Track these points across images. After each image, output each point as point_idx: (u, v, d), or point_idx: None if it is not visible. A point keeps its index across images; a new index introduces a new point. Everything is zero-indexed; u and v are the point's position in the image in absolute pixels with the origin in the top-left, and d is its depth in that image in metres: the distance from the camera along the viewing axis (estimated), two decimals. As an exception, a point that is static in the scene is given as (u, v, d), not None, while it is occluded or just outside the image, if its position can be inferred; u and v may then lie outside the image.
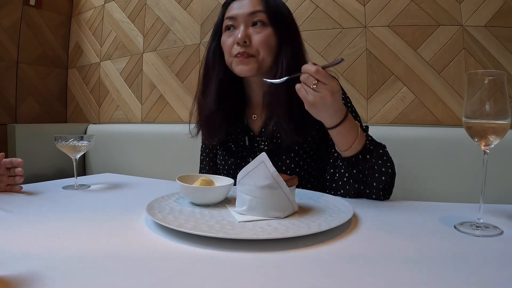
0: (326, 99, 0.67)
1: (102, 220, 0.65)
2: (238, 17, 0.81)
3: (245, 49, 0.80)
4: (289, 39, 0.83)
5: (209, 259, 0.47)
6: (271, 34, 0.81)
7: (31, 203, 0.78)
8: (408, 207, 0.76)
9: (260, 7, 0.80)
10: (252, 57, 0.81)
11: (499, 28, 1.22)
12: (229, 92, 0.89)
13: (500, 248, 0.51)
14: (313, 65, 0.67)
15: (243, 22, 0.81)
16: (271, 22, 0.81)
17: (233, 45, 0.82)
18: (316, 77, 0.66)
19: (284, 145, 0.87)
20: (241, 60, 0.81)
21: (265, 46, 0.80)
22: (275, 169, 0.61)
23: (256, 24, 0.81)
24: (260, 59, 0.81)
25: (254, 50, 0.81)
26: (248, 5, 0.81)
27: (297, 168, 0.89)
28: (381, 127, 1.26)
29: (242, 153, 0.93)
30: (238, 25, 0.81)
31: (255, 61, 0.81)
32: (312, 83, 0.66)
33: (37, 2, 2.08)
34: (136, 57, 2.00)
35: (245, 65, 0.81)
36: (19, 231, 0.59)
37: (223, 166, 0.98)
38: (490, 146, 0.58)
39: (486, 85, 0.56)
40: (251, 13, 0.80)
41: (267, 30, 0.81)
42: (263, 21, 0.81)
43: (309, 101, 0.68)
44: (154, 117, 1.95)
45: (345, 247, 0.52)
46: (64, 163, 1.73)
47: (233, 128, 0.93)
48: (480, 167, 0.59)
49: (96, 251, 0.50)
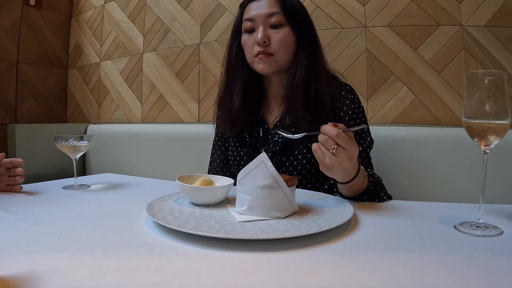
0: (344, 164, 0.65)
1: (102, 220, 0.65)
2: (256, 18, 0.85)
3: (265, 48, 0.84)
4: (306, 37, 0.86)
5: (209, 259, 0.47)
6: (289, 33, 0.85)
7: (31, 203, 0.78)
8: (408, 207, 0.76)
9: (277, 8, 0.84)
10: (271, 56, 0.85)
11: (499, 28, 1.22)
12: (253, 87, 0.94)
13: (500, 248, 0.51)
14: (333, 128, 0.64)
15: (262, 23, 0.85)
16: (288, 22, 0.85)
17: (253, 45, 0.86)
18: (336, 141, 0.63)
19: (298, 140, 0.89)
20: (262, 59, 0.85)
21: (283, 45, 0.85)
22: (275, 169, 0.61)
23: (275, 25, 0.85)
24: (279, 58, 0.86)
25: (273, 49, 0.85)
26: (265, 6, 0.85)
27: (308, 164, 0.90)
28: (381, 127, 1.26)
29: (256, 144, 0.96)
30: (257, 26, 0.85)
31: (274, 59, 0.86)
32: (331, 147, 0.64)
33: (37, 2, 2.08)
34: (136, 57, 2.00)
35: (266, 64, 0.86)
36: (19, 231, 0.59)
37: (234, 157, 0.99)
38: (490, 146, 0.58)
39: (486, 85, 0.56)
40: (269, 14, 0.84)
41: (285, 30, 0.85)
42: (281, 22, 0.84)
43: (325, 164, 0.66)
44: (154, 117, 1.95)
45: (345, 247, 0.52)
46: (64, 163, 1.73)
47: (249, 120, 0.97)
48: (480, 167, 0.59)
49: (96, 251, 0.50)
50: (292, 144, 0.90)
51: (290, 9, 0.85)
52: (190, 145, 1.55)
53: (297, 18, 0.86)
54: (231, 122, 0.96)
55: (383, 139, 1.21)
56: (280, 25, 0.85)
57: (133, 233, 0.58)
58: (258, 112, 0.99)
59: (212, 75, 1.75)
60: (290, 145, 0.91)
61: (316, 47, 0.89)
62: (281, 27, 0.85)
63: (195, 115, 1.81)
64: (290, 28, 0.85)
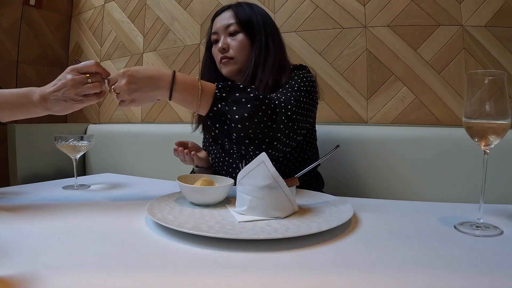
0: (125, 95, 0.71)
1: (102, 220, 0.65)
2: (218, 30, 0.99)
3: (225, 54, 0.97)
4: (258, 40, 0.96)
5: (209, 259, 0.47)
6: (243, 38, 0.96)
7: (31, 203, 0.78)
8: (408, 207, 0.76)
9: (233, 19, 0.97)
10: (232, 59, 0.97)
11: (499, 28, 1.22)
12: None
13: (500, 248, 0.51)
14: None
15: (223, 34, 0.98)
16: (242, 29, 0.96)
17: (218, 53, 0.98)
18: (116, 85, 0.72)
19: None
20: (224, 63, 0.97)
21: (239, 49, 0.96)
22: (275, 169, 0.61)
23: (232, 33, 0.97)
24: (238, 60, 0.97)
25: (232, 53, 0.96)
26: (224, 19, 0.98)
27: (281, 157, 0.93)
28: (381, 127, 1.26)
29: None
30: (220, 36, 0.99)
31: (234, 62, 0.97)
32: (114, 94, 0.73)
33: (37, 2, 2.08)
34: (136, 57, 2.00)
35: (228, 67, 0.98)
36: (19, 231, 0.58)
37: (215, 155, 1.05)
38: (490, 146, 0.58)
39: (486, 85, 0.56)
40: (227, 26, 0.97)
41: (240, 36, 0.96)
42: (236, 30, 0.96)
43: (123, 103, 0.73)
44: (154, 117, 1.95)
45: (345, 247, 0.52)
46: (64, 163, 1.73)
47: None
48: (480, 167, 0.59)
49: (96, 251, 0.50)
50: None
51: (244, 19, 0.96)
52: (190, 145, 1.55)
53: (251, 26, 0.96)
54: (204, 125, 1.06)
55: (383, 139, 1.21)
56: (236, 33, 0.97)
57: (133, 233, 0.58)
58: None
59: (212, 75, 1.75)
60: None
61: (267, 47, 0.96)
62: (237, 34, 0.97)
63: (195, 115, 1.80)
64: (244, 34, 0.96)
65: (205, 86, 0.74)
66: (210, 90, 0.73)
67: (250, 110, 0.71)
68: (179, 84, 0.72)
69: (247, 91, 0.74)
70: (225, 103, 0.72)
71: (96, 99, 0.77)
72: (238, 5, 0.99)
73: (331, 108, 1.45)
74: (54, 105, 0.75)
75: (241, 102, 0.72)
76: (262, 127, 0.72)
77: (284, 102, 0.78)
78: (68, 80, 0.73)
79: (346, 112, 1.43)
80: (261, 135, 0.73)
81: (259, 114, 0.72)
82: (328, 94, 1.44)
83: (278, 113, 0.75)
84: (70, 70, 0.74)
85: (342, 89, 1.43)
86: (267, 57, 0.94)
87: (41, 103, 0.75)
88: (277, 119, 0.74)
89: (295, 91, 0.84)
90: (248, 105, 0.71)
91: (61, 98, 0.74)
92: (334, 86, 1.45)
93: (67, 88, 0.73)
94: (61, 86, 0.73)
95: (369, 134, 1.24)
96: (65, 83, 0.73)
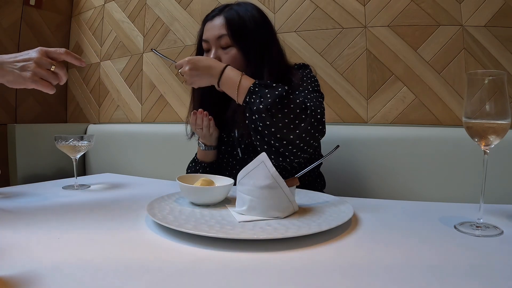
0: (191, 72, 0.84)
1: (102, 220, 0.65)
2: (209, 40, 0.94)
3: None
4: (253, 53, 0.92)
5: (209, 259, 0.47)
6: (236, 53, 0.92)
7: (31, 203, 0.78)
8: (408, 207, 0.76)
9: (225, 30, 0.91)
10: None
11: (499, 28, 1.22)
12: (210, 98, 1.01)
13: (500, 248, 0.51)
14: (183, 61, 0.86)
15: (214, 45, 0.93)
16: (235, 43, 0.91)
17: None
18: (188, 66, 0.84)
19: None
20: None
21: (232, 64, 0.89)
22: (275, 169, 0.61)
23: (224, 47, 0.92)
24: None
25: None
26: (215, 28, 0.93)
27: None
28: (381, 127, 1.26)
29: (233, 142, 1.02)
30: (211, 46, 0.94)
31: None
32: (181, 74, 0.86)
33: (37, 2, 2.08)
34: (136, 57, 2.00)
35: None
36: (19, 231, 0.59)
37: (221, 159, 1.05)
38: (490, 146, 0.58)
39: (486, 85, 0.56)
40: (218, 36, 0.92)
41: (232, 51, 0.92)
42: (228, 44, 0.92)
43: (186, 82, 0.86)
44: (154, 117, 1.95)
45: (345, 247, 0.52)
46: (64, 163, 1.73)
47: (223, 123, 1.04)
48: (480, 167, 0.59)
49: (96, 251, 0.50)
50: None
51: (237, 31, 0.91)
52: (190, 145, 1.55)
53: (244, 38, 0.91)
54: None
55: (383, 139, 1.21)
56: (228, 47, 0.92)
57: (133, 233, 0.58)
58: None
59: (212, 75, 1.75)
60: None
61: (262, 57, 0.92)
62: (229, 48, 0.92)
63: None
64: (237, 48, 0.92)
65: (244, 82, 0.82)
66: (248, 85, 0.81)
67: (269, 104, 0.75)
68: (225, 76, 0.84)
69: (277, 88, 0.78)
70: (255, 95, 0.79)
71: (49, 89, 0.77)
72: (230, 9, 0.94)
73: (331, 108, 1.45)
74: (7, 74, 0.73)
75: (266, 96, 0.77)
76: (286, 123, 0.76)
77: (314, 105, 0.80)
78: (34, 58, 0.73)
79: (346, 112, 1.43)
80: (285, 130, 0.76)
81: (284, 110, 0.76)
82: (328, 94, 1.44)
83: (309, 114, 0.77)
84: (39, 49, 0.74)
85: (342, 89, 1.43)
86: (263, 68, 0.91)
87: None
88: (306, 119, 0.76)
89: (314, 92, 0.88)
90: (270, 99, 0.76)
91: (17, 70, 0.73)
92: (334, 86, 1.45)
93: (29, 63, 0.72)
94: (24, 59, 0.73)
95: (369, 134, 1.24)
96: (29, 58, 0.73)
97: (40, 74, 0.73)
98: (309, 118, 0.77)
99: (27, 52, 0.74)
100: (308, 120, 0.77)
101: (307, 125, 0.76)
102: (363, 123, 1.40)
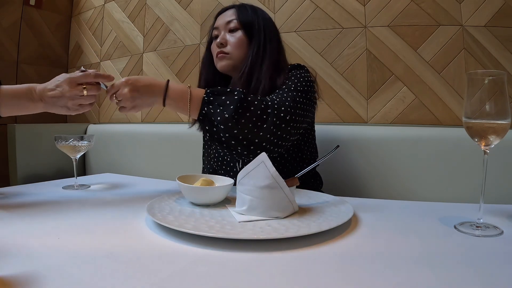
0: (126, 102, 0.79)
1: (102, 220, 0.65)
2: (219, 26, 1.00)
3: (222, 49, 0.98)
4: (257, 40, 0.96)
5: (209, 259, 0.47)
6: (242, 36, 0.97)
7: (31, 203, 0.78)
8: (408, 207, 0.76)
9: (234, 16, 0.98)
10: (227, 55, 0.97)
11: (499, 28, 1.22)
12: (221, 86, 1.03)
13: (500, 248, 0.51)
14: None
15: (223, 29, 0.99)
16: (242, 27, 0.97)
17: (216, 48, 1.00)
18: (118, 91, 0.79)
19: None
20: (220, 58, 0.98)
21: (236, 45, 0.97)
22: (275, 169, 0.61)
23: (231, 29, 0.98)
24: (233, 56, 0.97)
25: (228, 49, 0.97)
26: (226, 16, 1.00)
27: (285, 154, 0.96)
28: (381, 127, 1.26)
29: None
30: (220, 32, 1.00)
31: (229, 58, 0.97)
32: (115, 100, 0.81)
33: (37, 2, 2.08)
34: (136, 57, 2.00)
35: (222, 61, 0.98)
36: (19, 231, 0.59)
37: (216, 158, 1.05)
38: (490, 146, 0.58)
39: (486, 85, 0.56)
40: (228, 22, 0.98)
41: (238, 33, 0.97)
42: (236, 27, 0.98)
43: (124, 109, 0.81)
44: (154, 117, 1.95)
45: (345, 247, 0.52)
46: (64, 163, 1.73)
47: None
48: (480, 167, 0.59)
49: (96, 251, 0.50)
50: None
51: (245, 17, 0.98)
52: (190, 145, 1.55)
53: (250, 25, 0.97)
54: None
55: (383, 139, 1.21)
56: (235, 30, 0.98)
57: (133, 233, 0.58)
58: None
59: (212, 75, 1.75)
60: None
61: (265, 46, 0.97)
62: (236, 31, 0.98)
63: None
64: (244, 32, 0.97)
65: (195, 92, 0.79)
66: (200, 95, 0.78)
67: (233, 111, 0.73)
68: (171, 91, 0.79)
69: (233, 93, 0.77)
70: (212, 106, 0.76)
71: (90, 107, 0.84)
72: (242, 5, 1.01)
73: (331, 108, 1.45)
74: (52, 107, 0.80)
75: (226, 104, 0.75)
76: (250, 127, 0.74)
77: (278, 103, 0.78)
78: (66, 92, 0.78)
79: (346, 112, 1.43)
80: (250, 135, 0.74)
81: (246, 115, 0.74)
82: (328, 94, 1.44)
83: (270, 113, 0.76)
84: (68, 80, 0.78)
85: (342, 89, 1.43)
86: (264, 57, 0.95)
87: (40, 102, 0.80)
88: (267, 119, 0.75)
89: (291, 91, 0.85)
90: (231, 106, 0.74)
91: (58, 105, 0.79)
92: (334, 86, 1.45)
93: (64, 98, 0.78)
94: (59, 94, 0.78)
95: (369, 134, 1.24)
96: (62, 92, 0.78)
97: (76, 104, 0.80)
98: (270, 117, 0.75)
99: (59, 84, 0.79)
100: (270, 120, 0.75)
101: (270, 125, 0.75)
102: (363, 123, 1.40)
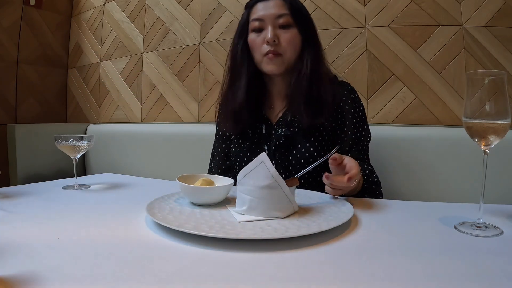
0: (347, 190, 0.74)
1: (102, 220, 0.65)
2: (265, 18, 0.88)
3: (275, 48, 0.87)
4: (311, 38, 0.90)
5: (209, 259, 0.47)
6: (296, 34, 0.88)
7: (31, 203, 0.78)
8: (408, 207, 0.76)
9: (286, 10, 0.87)
10: (280, 56, 0.88)
11: (499, 28, 1.22)
12: (256, 85, 0.96)
13: (500, 248, 0.51)
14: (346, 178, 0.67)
15: (271, 23, 0.87)
16: (295, 23, 0.88)
17: (262, 44, 0.89)
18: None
19: (301, 132, 0.92)
20: (271, 59, 0.88)
21: (291, 45, 0.88)
22: (275, 169, 0.61)
23: (283, 25, 0.87)
24: (287, 58, 0.89)
25: (282, 49, 0.88)
26: (274, 7, 0.87)
27: (311, 157, 0.91)
28: (381, 127, 1.26)
29: (258, 139, 0.97)
30: (266, 26, 0.88)
31: (282, 59, 0.89)
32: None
33: (37, 2, 2.08)
34: (136, 57, 2.00)
35: (275, 64, 0.89)
36: (19, 231, 0.58)
37: (237, 154, 0.99)
38: (490, 146, 0.58)
39: (486, 85, 0.56)
40: (278, 15, 0.87)
41: (293, 31, 0.88)
42: (289, 23, 0.88)
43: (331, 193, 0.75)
44: (154, 117, 1.95)
45: (345, 247, 0.52)
46: (64, 163, 1.73)
47: (252, 117, 0.98)
48: (480, 167, 0.59)
49: (96, 251, 0.50)
50: (295, 138, 0.93)
51: (297, 11, 0.88)
52: (190, 145, 1.55)
53: (303, 20, 0.89)
54: (234, 119, 0.96)
55: (383, 139, 1.21)
56: (288, 26, 0.88)
57: (133, 233, 0.58)
58: (260, 109, 1.00)
59: (212, 75, 1.75)
60: (293, 140, 0.93)
61: (319, 47, 0.93)
62: (289, 27, 0.88)
63: (195, 115, 1.81)
64: (297, 29, 0.88)
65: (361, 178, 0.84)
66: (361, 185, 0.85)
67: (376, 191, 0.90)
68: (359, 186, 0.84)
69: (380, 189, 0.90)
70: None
71: None
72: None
73: (331, 108, 1.45)
74: None
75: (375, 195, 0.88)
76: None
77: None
78: None
79: (346, 112, 1.43)
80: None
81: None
82: (328, 94, 1.44)
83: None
84: None
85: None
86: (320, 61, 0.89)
87: None
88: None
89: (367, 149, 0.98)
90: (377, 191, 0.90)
91: None
92: (334, 86, 1.45)
93: None
94: None
95: (369, 134, 1.23)
96: None
97: None
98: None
99: None
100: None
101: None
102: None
